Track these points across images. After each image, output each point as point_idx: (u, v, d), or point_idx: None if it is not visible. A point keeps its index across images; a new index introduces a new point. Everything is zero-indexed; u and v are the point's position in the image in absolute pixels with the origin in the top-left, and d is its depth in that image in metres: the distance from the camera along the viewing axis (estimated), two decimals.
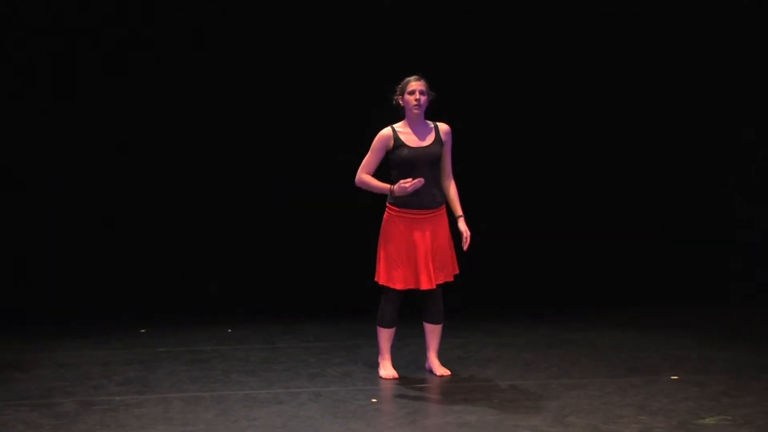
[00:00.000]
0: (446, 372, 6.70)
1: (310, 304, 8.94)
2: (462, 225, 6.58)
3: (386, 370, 6.65)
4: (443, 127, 6.61)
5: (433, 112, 6.58)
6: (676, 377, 6.48)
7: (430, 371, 6.72)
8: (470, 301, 8.75)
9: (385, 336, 6.63)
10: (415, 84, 6.46)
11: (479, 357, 7.17)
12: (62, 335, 7.97)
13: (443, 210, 6.57)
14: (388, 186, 6.40)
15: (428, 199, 6.47)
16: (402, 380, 6.53)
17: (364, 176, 6.51)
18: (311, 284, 9.14)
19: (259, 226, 9.26)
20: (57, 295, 8.91)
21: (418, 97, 6.43)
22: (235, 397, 6.12)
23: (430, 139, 6.51)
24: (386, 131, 6.51)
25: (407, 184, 6.27)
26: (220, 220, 9.26)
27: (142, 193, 9.16)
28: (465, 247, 6.55)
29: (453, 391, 6.26)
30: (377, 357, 6.74)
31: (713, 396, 6.04)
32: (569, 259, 9.52)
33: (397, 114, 6.52)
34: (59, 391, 6.31)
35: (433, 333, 6.69)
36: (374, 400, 6.06)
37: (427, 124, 6.57)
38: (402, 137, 6.47)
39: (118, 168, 9.09)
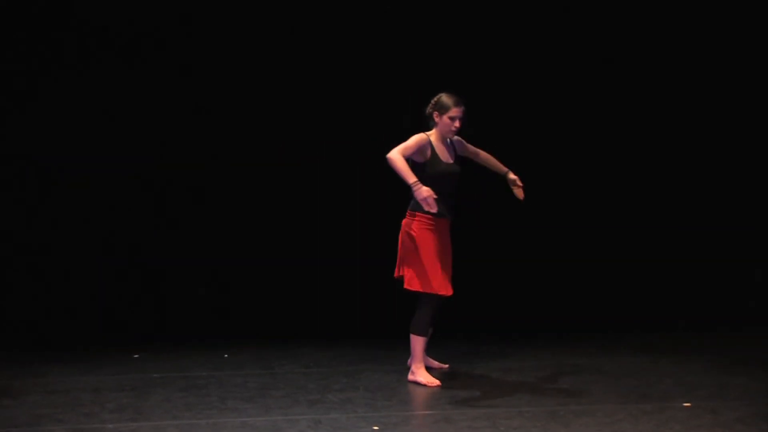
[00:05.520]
0: (444, 365, 7.40)
1: (309, 327, 8.84)
2: (513, 176, 7.20)
3: (426, 377, 6.96)
4: (455, 139, 7.08)
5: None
6: (688, 404, 6.42)
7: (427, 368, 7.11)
8: (475, 326, 8.70)
9: (422, 343, 6.96)
10: (457, 111, 6.86)
11: (484, 382, 7.10)
12: (52, 360, 7.86)
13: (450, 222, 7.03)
14: (414, 180, 6.61)
15: (452, 210, 6.97)
16: (405, 406, 6.49)
17: (402, 156, 6.69)
18: (310, 307, 9.02)
19: (256, 246, 9.14)
20: (46, 318, 8.77)
21: (458, 125, 6.88)
22: (231, 425, 6.03)
23: (452, 157, 7.01)
24: (424, 138, 6.88)
25: (431, 200, 6.58)
26: (215, 241, 9.14)
27: (135, 213, 9.03)
28: (521, 195, 7.18)
29: (457, 418, 6.16)
30: (379, 382, 6.82)
31: (727, 423, 5.98)
32: (578, 283, 9.40)
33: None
34: (49, 418, 6.21)
35: (428, 334, 7.12)
36: (376, 428, 5.95)
37: (447, 141, 7.04)
38: (437, 151, 6.90)
39: (106, 186, 8.98)
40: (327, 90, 9.13)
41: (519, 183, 7.14)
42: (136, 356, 8.01)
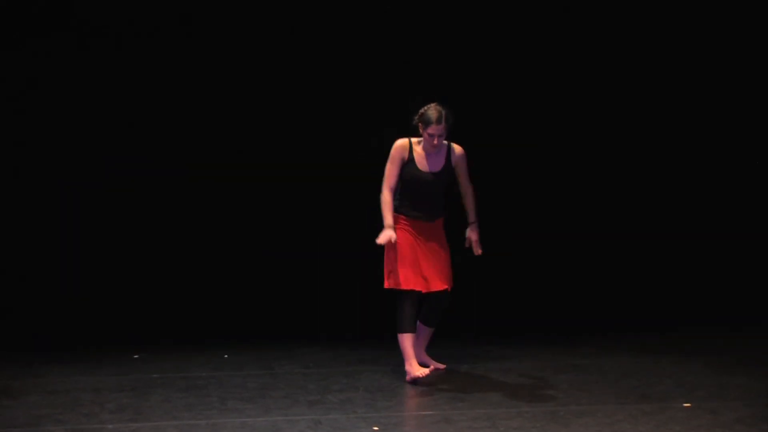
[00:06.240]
0: (441, 366, 7.26)
1: (309, 328, 8.81)
2: (469, 232, 7.04)
3: (418, 370, 6.88)
4: (457, 150, 6.99)
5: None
6: (688, 404, 6.40)
7: (423, 365, 7.05)
8: (474, 326, 8.67)
9: (407, 340, 6.91)
10: (435, 129, 6.74)
11: (484, 383, 7.08)
12: (52, 360, 7.84)
13: (441, 221, 7.04)
14: (387, 223, 6.84)
15: (429, 214, 6.94)
16: (405, 406, 6.49)
17: (387, 195, 6.87)
18: (310, 307, 9.00)
19: (256, 246, 9.13)
20: (46, 318, 8.76)
21: (436, 142, 6.78)
22: (231, 425, 6.02)
23: (439, 165, 6.91)
24: (403, 142, 6.90)
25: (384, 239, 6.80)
26: (214, 242, 9.13)
27: (135, 213, 9.03)
28: (477, 252, 7.04)
29: (457, 419, 6.15)
30: (379, 382, 6.84)
31: (727, 424, 5.97)
32: (578, 283, 9.38)
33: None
34: (49, 418, 6.20)
35: (426, 333, 7.18)
36: (376, 428, 5.95)
37: (441, 148, 6.90)
38: (415, 156, 6.88)
39: (105, 186, 8.98)
40: (327, 90, 9.12)
41: (472, 240, 7.05)
42: (136, 356, 7.99)
